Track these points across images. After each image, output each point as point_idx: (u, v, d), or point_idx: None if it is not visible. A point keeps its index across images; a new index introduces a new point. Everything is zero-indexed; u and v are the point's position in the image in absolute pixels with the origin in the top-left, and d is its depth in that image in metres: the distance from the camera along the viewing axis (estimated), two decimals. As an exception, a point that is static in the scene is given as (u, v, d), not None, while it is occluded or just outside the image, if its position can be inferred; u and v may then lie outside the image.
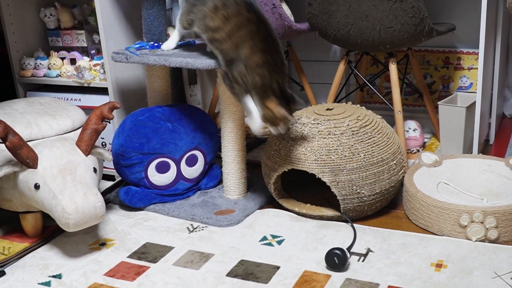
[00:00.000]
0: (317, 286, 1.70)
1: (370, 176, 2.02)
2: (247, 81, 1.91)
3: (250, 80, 1.91)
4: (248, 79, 1.91)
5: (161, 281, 1.78)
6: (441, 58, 2.79)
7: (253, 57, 1.89)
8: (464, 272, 1.73)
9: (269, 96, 1.91)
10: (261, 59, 1.89)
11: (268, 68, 1.89)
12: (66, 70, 2.49)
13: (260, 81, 1.90)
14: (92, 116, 1.96)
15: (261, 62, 1.89)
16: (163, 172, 2.24)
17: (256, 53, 1.88)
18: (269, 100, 1.91)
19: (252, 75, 1.90)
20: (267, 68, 1.89)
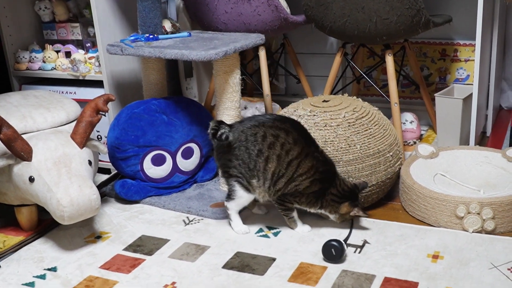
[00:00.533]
0: (313, 278, 1.69)
1: (367, 167, 2.01)
2: (304, 203, 1.92)
3: (306, 201, 1.91)
4: (304, 200, 1.91)
5: (157, 274, 1.77)
6: (438, 50, 2.78)
7: (312, 186, 1.88)
8: (461, 263, 1.72)
9: (339, 204, 1.90)
10: (318, 186, 1.88)
11: (323, 189, 1.89)
12: (61, 63, 2.48)
13: (316, 200, 1.90)
14: (87, 109, 1.95)
15: (318, 188, 1.89)
16: (159, 165, 2.23)
17: (314, 182, 1.88)
18: (343, 208, 1.90)
19: (308, 198, 1.90)
20: (323, 190, 1.89)
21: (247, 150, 1.87)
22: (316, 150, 1.90)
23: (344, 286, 1.64)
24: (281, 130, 1.87)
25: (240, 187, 1.92)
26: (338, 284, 1.66)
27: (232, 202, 1.96)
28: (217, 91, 2.16)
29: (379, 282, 1.65)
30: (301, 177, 1.87)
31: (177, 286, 1.70)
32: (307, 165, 1.87)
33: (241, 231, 1.98)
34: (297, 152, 1.86)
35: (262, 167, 1.87)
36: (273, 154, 1.86)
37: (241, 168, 1.89)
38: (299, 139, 1.88)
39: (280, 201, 1.93)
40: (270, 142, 1.86)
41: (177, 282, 1.72)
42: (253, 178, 1.89)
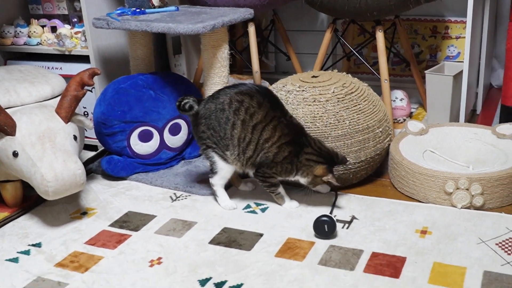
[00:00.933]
0: (300, 253, 1.68)
1: (355, 143, 1.99)
2: (281, 172, 1.90)
3: (282, 170, 1.89)
4: (280, 169, 1.89)
5: (143, 249, 1.75)
6: (429, 27, 2.75)
7: (280, 152, 1.86)
8: (449, 238, 1.71)
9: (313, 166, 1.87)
10: (287, 151, 1.86)
11: (294, 153, 1.87)
12: (47, 38, 2.44)
13: (291, 167, 1.88)
14: (72, 83, 1.92)
15: (287, 153, 1.86)
16: (146, 141, 2.21)
17: (282, 147, 1.86)
18: (317, 169, 1.87)
19: (283, 166, 1.88)
20: (294, 154, 1.87)
21: (216, 118, 1.87)
22: (283, 116, 1.88)
23: (332, 261, 1.63)
24: (245, 95, 1.86)
25: (219, 158, 1.91)
26: (326, 259, 1.65)
27: (215, 176, 1.95)
28: (205, 66, 2.13)
29: (366, 257, 1.64)
30: (267, 143, 1.85)
31: (163, 261, 1.68)
32: (270, 129, 1.85)
33: (228, 207, 1.96)
34: (262, 116, 1.84)
35: (229, 133, 1.86)
36: (238, 120, 1.85)
37: (214, 138, 1.89)
38: (264, 103, 1.85)
39: (260, 177, 1.92)
40: (236, 108, 1.85)
41: (163, 258, 1.70)
42: (226, 147, 1.88)
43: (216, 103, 1.88)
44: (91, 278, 1.62)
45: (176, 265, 1.66)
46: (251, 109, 1.85)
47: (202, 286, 1.55)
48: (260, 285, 1.54)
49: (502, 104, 2.37)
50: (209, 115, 1.89)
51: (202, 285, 1.56)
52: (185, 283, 1.57)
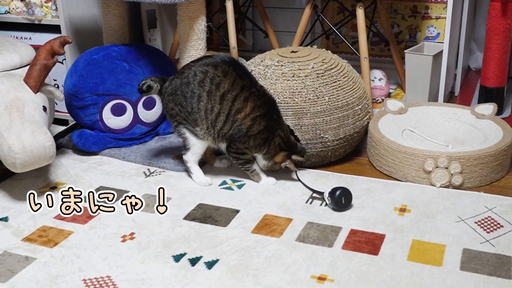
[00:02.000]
0: (277, 230, 1.64)
1: (334, 120, 1.95)
2: (252, 147, 1.85)
3: (254, 144, 1.85)
4: (252, 144, 1.84)
5: (115, 224, 1.69)
6: (409, 7, 2.72)
7: (255, 125, 1.82)
8: (428, 216, 1.69)
9: (277, 152, 1.86)
10: (263, 124, 1.82)
11: (270, 128, 1.83)
12: (15, 6, 2.33)
13: (264, 142, 1.84)
14: (42, 51, 1.84)
15: (263, 127, 1.82)
16: (119, 115, 2.13)
17: (256, 120, 1.81)
18: (278, 156, 1.87)
19: (256, 140, 1.84)
20: (269, 129, 1.83)
21: (182, 93, 1.82)
22: (253, 85, 1.83)
23: (310, 238, 1.60)
24: (209, 65, 1.81)
25: (190, 134, 1.86)
26: (303, 235, 1.61)
27: (188, 153, 1.90)
28: (181, 38, 2.06)
29: (345, 234, 1.61)
30: (239, 113, 1.81)
31: (136, 237, 1.62)
32: (242, 99, 1.80)
33: (203, 183, 1.91)
34: (229, 84, 1.80)
35: (196, 107, 1.81)
36: (203, 91, 1.80)
37: (182, 113, 1.84)
38: (230, 71, 1.81)
39: (233, 153, 1.87)
40: (200, 80, 1.80)
41: (136, 233, 1.64)
42: (195, 122, 1.83)
43: (182, 78, 1.83)
44: (60, 253, 1.56)
45: (150, 240, 1.60)
46: (216, 79, 1.80)
47: (176, 262, 1.50)
48: (236, 261, 1.50)
49: (481, 85, 2.35)
50: (175, 91, 1.84)
51: (176, 260, 1.51)
52: (158, 258, 1.52)
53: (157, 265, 1.50)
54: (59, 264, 1.51)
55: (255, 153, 1.88)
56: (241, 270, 1.47)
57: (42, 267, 1.50)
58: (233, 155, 1.88)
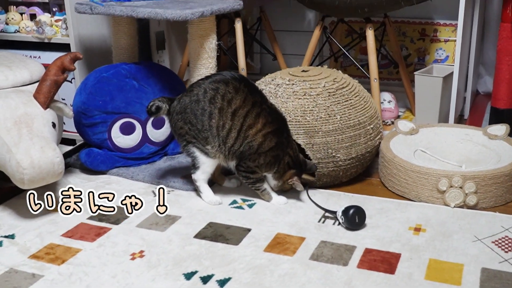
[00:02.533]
0: (290, 248, 1.60)
1: (346, 139, 1.93)
2: (262, 165, 1.83)
3: (265, 163, 1.82)
4: (262, 162, 1.82)
5: (124, 242, 1.65)
6: (418, 30, 2.72)
7: (266, 141, 1.80)
8: (444, 235, 1.65)
9: (286, 170, 1.85)
10: (274, 141, 1.81)
11: (280, 146, 1.82)
12: (25, 25, 2.33)
13: (274, 161, 1.82)
14: (52, 67, 1.82)
15: (274, 143, 1.81)
16: (127, 134, 2.11)
17: (267, 136, 1.80)
18: (286, 174, 1.85)
19: (266, 158, 1.82)
20: (280, 147, 1.81)
21: (192, 111, 1.80)
22: (264, 102, 1.82)
23: (324, 256, 1.56)
24: (220, 82, 1.79)
25: (199, 152, 1.83)
26: (317, 254, 1.57)
27: (198, 172, 1.87)
28: (191, 57, 2.05)
29: (360, 253, 1.57)
30: (251, 129, 1.78)
31: (145, 255, 1.58)
32: (254, 115, 1.78)
33: (213, 202, 1.88)
34: (240, 101, 1.78)
35: (207, 124, 1.79)
36: (215, 108, 1.78)
37: (192, 132, 1.81)
38: (241, 88, 1.79)
39: (243, 172, 1.84)
40: (211, 97, 1.78)
41: (146, 251, 1.60)
42: (205, 140, 1.80)
43: (191, 96, 1.81)
44: (68, 270, 1.52)
45: (159, 258, 1.57)
46: (228, 95, 1.78)
47: (188, 280, 1.46)
48: (249, 279, 1.46)
49: (492, 106, 2.34)
50: (184, 109, 1.81)
51: (188, 278, 1.47)
52: (169, 276, 1.48)
53: (167, 282, 1.46)
54: (67, 282, 1.47)
55: (265, 173, 1.86)
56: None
57: (49, 285, 1.46)
58: (243, 174, 1.85)
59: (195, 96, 1.80)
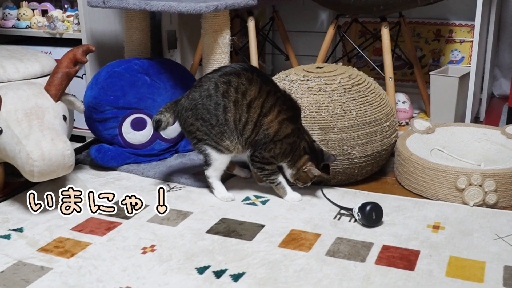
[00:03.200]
0: (306, 244, 1.56)
1: (362, 136, 1.89)
2: (278, 154, 1.78)
3: (281, 152, 1.78)
4: (278, 151, 1.78)
5: (135, 236, 1.61)
6: (432, 31, 2.68)
7: (282, 128, 1.76)
8: (463, 233, 1.60)
9: (301, 156, 1.79)
10: (290, 128, 1.77)
11: (296, 132, 1.77)
12: (37, 21, 2.31)
13: (290, 149, 1.78)
14: (64, 59, 1.80)
15: (290, 130, 1.77)
16: (139, 130, 2.08)
17: (283, 123, 1.76)
18: (301, 160, 1.79)
19: (282, 146, 1.77)
20: (296, 133, 1.77)
21: (203, 106, 1.74)
22: (278, 90, 1.78)
23: (340, 252, 1.51)
24: (231, 75, 1.74)
25: (211, 149, 1.79)
26: (334, 250, 1.52)
27: (210, 168, 1.83)
28: (204, 52, 2.02)
29: (377, 250, 1.52)
30: (266, 117, 1.74)
31: (157, 249, 1.54)
32: (270, 104, 1.74)
33: (225, 198, 1.84)
34: (255, 91, 1.73)
35: (223, 118, 1.74)
36: (229, 102, 1.73)
37: (203, 128, 1.76)
38: (254, 78, 1.74)
39: (257, 163, 1.80)
40: (223, 91, 1.73)
41: (157, 245, 1.56)
42: (221, 135, 1.76)
43: (201, 91, 1.75)
44: (77, 263, 1.48)
45: (171, 252, 1.52)
46: (241, 87, 1.73)
47: (200, 274, 1.42)
48: (264, 274, 1.42)
49: (510, 107, 2.29)
50: (194, 105, 1.76)
51: (200, 273, 1.43)
52: (181, 270, 1.44)
53: (179, 276, 1.41)
54: (76, 275, 1.43)
55: (281, 162, 1.81)
56: (270, 283, 1.38)
57: (58, 277, 1.42)
58: (257, 165, 1.81)
59: (206, 91, 1.75)
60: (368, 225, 1.65)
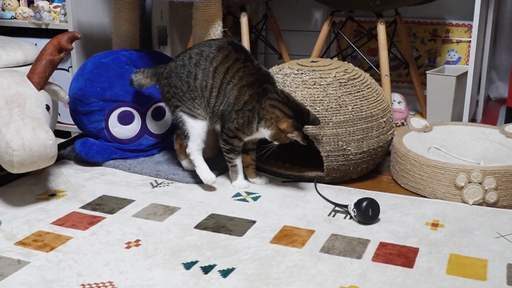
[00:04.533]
0: (299, 240, 1.48)
1: (358, 131, 1.82)
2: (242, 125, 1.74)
3: (243, 121, 1.73)
4: (241, 121, 1.74)
5: (119, 231, 1.53)
6: (429, 30, 2.63)
7: (240, 95, 1.74)
8: (464, 231, 1.53)
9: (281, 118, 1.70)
10: (248, 94, 1.73)
11: (255, 97, 1.72)
12: (22, 11, 2.23)
13: (252, 116, 1.72)
14: (48, 46, 1.72)
15: (248, 96, 1.73)
16: (126, 124, 2.00)
17: (242, 90, 1.73)
18: (283, 122, 1.69)
19: (244, 115, 1.73)
20: (255, 98, 1.72)
21: (177, 75, 1.79)
22: (249, 60, 1.77)
23: (335, 249, 1.43)
24: (205, 46, 1.79)
25: (186, 116, 1.80)
26: (328, 247, 1.45)
27: (189, 142, 1.81)
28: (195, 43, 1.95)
29: (374, 247, 1.45)
30: (228, 85, 1.74)
31: (141, 244, 1.46)
32: (234, 71, 1.74)
33: (207, 178, 1.79)
34: (222, 57, 1.75)
35: (193, 85, 1.77)
36: (199, 70, 1.77)
37: (177, 95, 1.79)
38: (225, 46, 1.76)
39: (225, 135, 1.78)
40: (196, 61, 1.78)
41: (142, 240, 1.48)
42: (192, 101, 1.78)
43: (176, 61, 1.82)
44: (57, 257, 1.39)
45: (157, 247, 1.44)
46: (210, 55, 1.76)
47: (187, 269, 1.34)
48: (254, 270, 1.34)
49: (508, 106, 2.24)
50: (170, 74, 1.81)
51: (187, 268, 1.35)
52: (167, 265, 1.35)
53: (165, 271, 1.33)
54: (55, 269, 1.34)
55: (251, 133, 1.75)
56: (260, 279, 1.30)
57: (35, 271, 1.33)
58: (224, 137, 1.79)
59: (181, 61, 1.80)
60: (364, 222, 1.58)
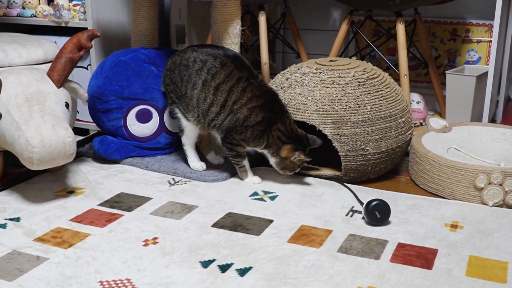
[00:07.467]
0: (316, 240, 1.47)
1: (376, 131, 1.80)
2: (250, 139, 1.78)
3: (252, 136, 1.78)
4: (249, 136, 1.78)
5: (136, 229, 1.54)
6: (448, 30, 2.60)
7: (252, 115, 1.75)
8: (483, 233, 1.52)
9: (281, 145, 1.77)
10: (261, 116, 1.75)
11: (267, 121, 1.75)
12: (42, 10, 2.25)
13: (261, 135, 1.77)
14: (68, 44, 1.73)
15: (261, 118, 1.76)
16: (144, 122, 2.00)
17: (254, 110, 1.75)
18: (283, 150, 1.76)
19: (254, 132, 1.77)
20: (267, 122, 1.75)
21: (179, 73, 1.81)
22: (252, 77, 1.77)
23: (353, 249, 1.43)
24: (210, 55, 1.78)
25: (181, 115, 1.85)
26: (346, 247, 1.44)
27: (183, 136, 1.89)
28: (213, 43, 1.95)
29: (392, 247, 1.44)
30: (236, 104, 1.74)
31: (159, 241, 1.46)
32: (239, 90, 1.75)
33: (196, 167, 1.90)
34: (224, 76, 1.76)
35: (190, 93, 1.79)
36: (199, 80, 1.78)
37: (175, 93, 1.83)
38: (227, 63, 1.76)
39: (228, 143, 1.80)
40: (198, 68, 1.78)
41: (160, 238, 1.48)
42: (186, 106, 1.81)
43: (182, 58, 1.82)
44: (75, 254, 1.40)
45: (174, 245, 1.44)
46: (213, 69, 1.77)
47: (204, 268, 1.34)
48: (272, 269, 1.33)
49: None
50: (173, 68, 1.82)
51: (205, 266, 1.35)
52: (184, 263, 1.36)
53: (183, 269, 1.33)
54: (73, 265, 1.35)
55: (254, 147, 1.81)
56: (278, 278, 1.30)
57: (54, 267, 1.34)
58: (227, 145, 1.81)
59: (186, 60, 1.80)
60: (372, 223, 1.56)
